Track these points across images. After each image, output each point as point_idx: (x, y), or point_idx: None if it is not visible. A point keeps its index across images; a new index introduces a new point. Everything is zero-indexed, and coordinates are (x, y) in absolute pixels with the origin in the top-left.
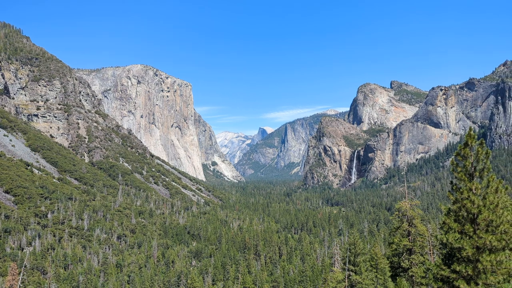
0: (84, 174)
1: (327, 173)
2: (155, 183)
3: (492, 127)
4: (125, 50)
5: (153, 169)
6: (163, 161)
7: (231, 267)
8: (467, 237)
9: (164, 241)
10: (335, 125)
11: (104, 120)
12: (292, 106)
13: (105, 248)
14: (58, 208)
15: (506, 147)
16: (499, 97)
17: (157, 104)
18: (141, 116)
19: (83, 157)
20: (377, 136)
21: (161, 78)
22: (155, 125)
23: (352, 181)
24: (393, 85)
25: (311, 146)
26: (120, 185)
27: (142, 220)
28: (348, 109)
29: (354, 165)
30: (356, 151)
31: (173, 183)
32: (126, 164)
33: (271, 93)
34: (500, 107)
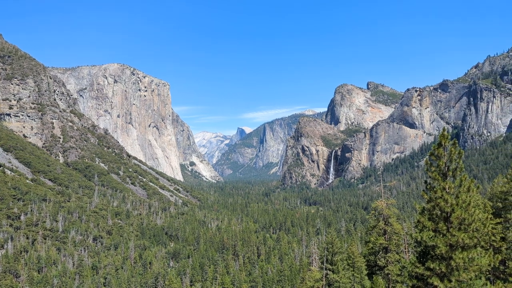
0: (58, 174)
1: (305, 173)
2: (132, 183)
3: (465, 127)
4: (102, 48)
5: (130, 170)
6: (140, 161)
7: (209, 267)
8: (441, 235)
9: (141, 242)
10: (313, 125)
11: (80, 120)
12: (270, 107)
13: (81, 250)
14: (31, 210)
15: (478, 147)
16: (471, 99)
17: (134, 104)
18: (118, 116)
19: (57, 158)
20: (354, 136)
21: (139, 77)
22: (132, 125)
23: (330, 181)
24: (369, 86)
25: (290, 146)
26: (96, 186)
27: (119, 221)
28: (325, 109)
29: (332, 165)
30: (334, 151)
31: (151, 183)
32: (103, 165)
33: (250, 93)
34: (472, 108)
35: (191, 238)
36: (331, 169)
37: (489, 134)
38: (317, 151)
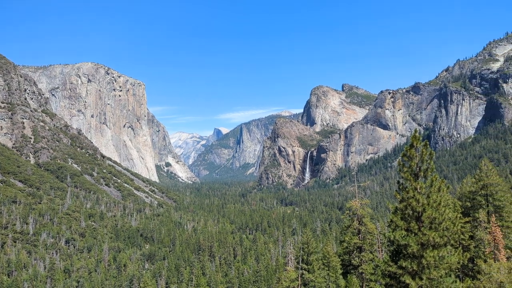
0: (29, 176)
1: (282, 174)
2: (106, 184)
3: (436, 129)
4: (75, 47)
5: (104, 171)
6: (115, 162)
7: (185, 269)
8: (413, 234)
9: (115, 245)
10: (289, 126)
11: (52, 120)
12: (247, 107)
13: (52, 253)
14: (0, 212)
15: (448, 148)
16: (442, 101)
17: (108, 104)
18: (92, 116)
19: (28, 158)
20: (329, 137)
21: (113, 77)
22: (107, 125)
23: (306, 181)
24: (344, 88)
25: (266, 147)
26: (69, 187)
27: (92, 223)
28: (302, 110)
29: (308, 165)
30: (310, 151)
31: (125, 184)
32: (76, 166)
33: (226, 94)
34: (443, 110)
35: (166, 240)
36: (307, 169)
37: (458, 135)
38: (294, 151)
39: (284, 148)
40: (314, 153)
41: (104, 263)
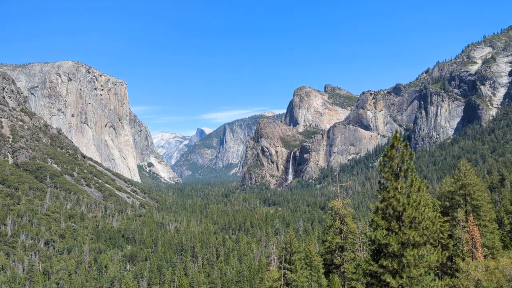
0: (7, 176)
1: (265, 174)
2: (87, 185)
3: (416, 130)
4: (55, 45)
5: (85, 171)
6: (96, 162)
7: (168, 270)
8: (393, 234)
9: (96, 246)
10: (272, 127)
11: (31, 119)
12: (230, 107)
13: (31, 255)
14: None
15: (428, 149)
16: (422, 102)
17: (89, 103)
18: (72, 115)
19: (6, 158)
20: (312, 137)
21: (94, 76)
22: (88, 125)
23: (289, 181)
24: (327, 89)
25: (249, 147)
26: (49, 188)
27: (73, 224)
28: (285, 111)
29: (291, 165)
30: (293, 152)
31: (107, 185)
32: (55, 166)
33: (209, 94)
34: (423, 111)
35: (148, 241)
36: (290, 169)
37: (438, 136)
38: (277, 152)
39: (267, 148)
40: (297, 153)
41: (84, 265)
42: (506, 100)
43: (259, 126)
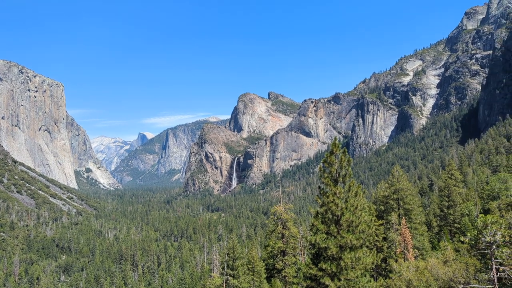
0: None
1: (209, 180)
2: (18, 192)
3: (354, 137)
4: None
5: (16, 177)
6: (28, 167)
7: (106, 279)
8: (332, 237)
9: (27, 256)
10: (216, 132)
11: None
12: (173, 112)
13: None
14: None
15: (365, 155)
16: (360, 111)
17: (22, 105)
18: (3, 118)
19: None
20: (255, 143)
21: (28, 76)
22: (20, 128)
23: (233, 187)
24: (270, 96)
25: (193, 152)
26: None
27: (2, 233)
28: (229, 117)
29: (235, 171)
30: (237, 157)
31: (40, 191)
32: None
33: (152, 97)
34: (360, 120)
35: (85, 250)
36: (234, 175)
37: (374, 143)
38: (221, 157)
39: (211, 154)
40: (241, 159)
41: (14, 277)
42: (435, 110)
43: (203, 131)
